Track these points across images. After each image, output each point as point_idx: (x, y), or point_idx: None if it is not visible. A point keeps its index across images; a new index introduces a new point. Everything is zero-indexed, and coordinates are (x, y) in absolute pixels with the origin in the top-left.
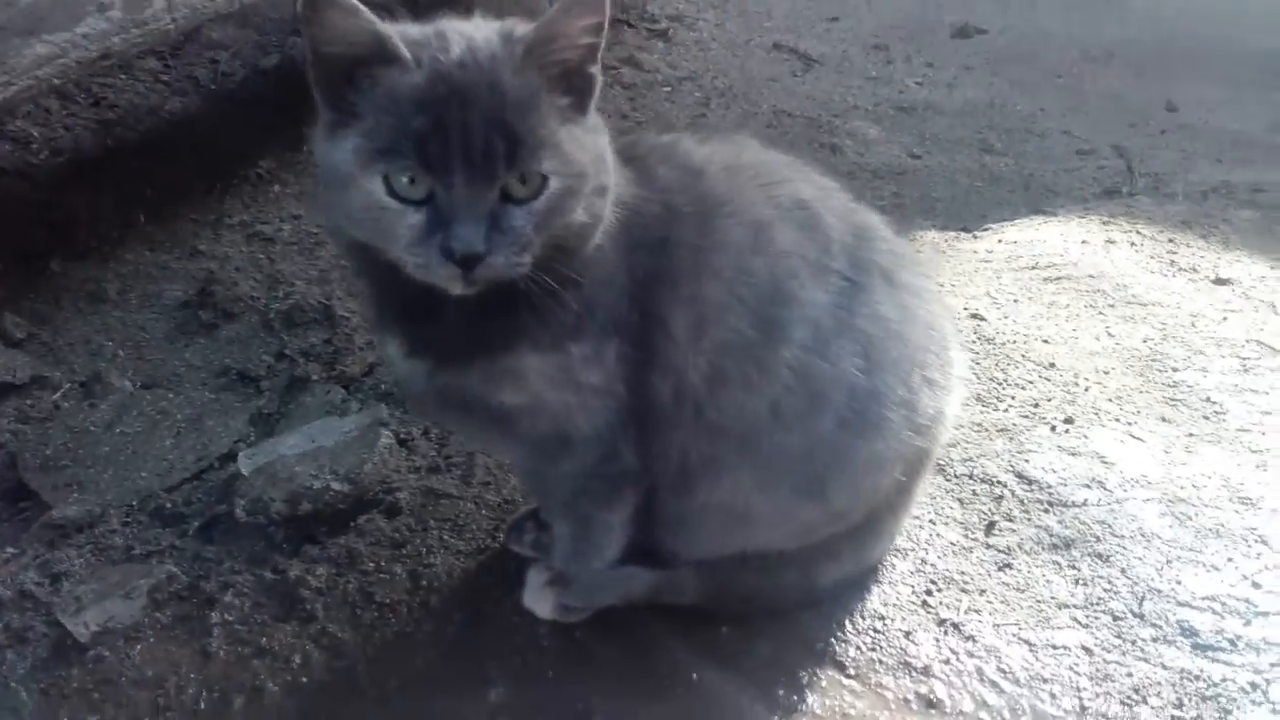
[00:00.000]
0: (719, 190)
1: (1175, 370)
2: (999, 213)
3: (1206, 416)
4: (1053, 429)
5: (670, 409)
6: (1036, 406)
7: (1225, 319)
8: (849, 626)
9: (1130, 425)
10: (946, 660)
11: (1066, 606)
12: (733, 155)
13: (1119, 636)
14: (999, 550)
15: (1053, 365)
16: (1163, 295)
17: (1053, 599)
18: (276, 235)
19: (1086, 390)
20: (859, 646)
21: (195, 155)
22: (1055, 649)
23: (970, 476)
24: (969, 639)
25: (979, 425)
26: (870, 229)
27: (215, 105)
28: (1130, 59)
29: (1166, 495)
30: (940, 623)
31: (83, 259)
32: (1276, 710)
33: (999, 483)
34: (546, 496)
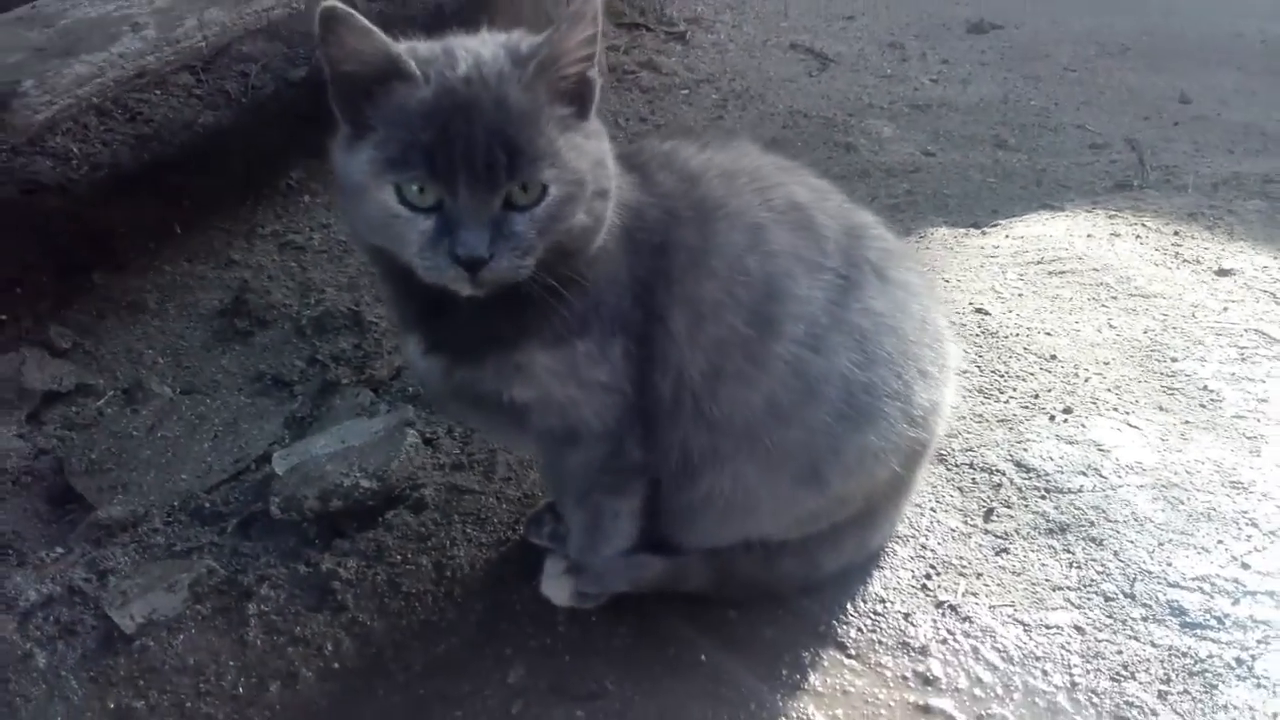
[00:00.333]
0: (716, 195)
1: (1174, 360)
2: (1011, 208)
3: (1203, 404)
4: (1052, 419)
5: (671, 404)
6: (1036, 397)
7: (1226, 309)
8: (850, 609)
9: (1128, 414)
10: (944, 640)
11: (1060, 588)
12: (730, 161)
13: (1110, 616)
14: (997, 535)
15: (1054, 357)
16: (1165, 287)
17: (1047, 581)
18: (307, 244)
19: (1086, 381)
20: (860, 628)
21: (228, 167)
22: (1049, 629)
23: (970, 465)
24: (966, 620)
25: (980, 416)
26: (864, 227)
27: (246, 118)
28: (1144, 51)
29: (1160, 481)
30: (939, 605)
31: (123, 271)
32: (1261, 684)
33: (998, 471)
34: (560, 488)
